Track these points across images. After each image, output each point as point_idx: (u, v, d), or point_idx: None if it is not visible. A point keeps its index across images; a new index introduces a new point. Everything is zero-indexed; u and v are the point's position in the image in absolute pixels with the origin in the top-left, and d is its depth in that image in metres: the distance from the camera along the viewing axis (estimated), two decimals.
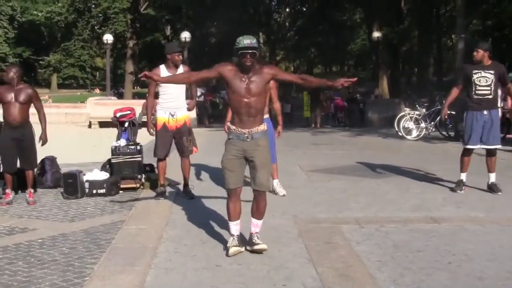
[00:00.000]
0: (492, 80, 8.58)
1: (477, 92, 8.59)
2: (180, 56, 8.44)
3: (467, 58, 17.63)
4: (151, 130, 8.50)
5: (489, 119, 8.60)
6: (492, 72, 8.58)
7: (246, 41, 5.51)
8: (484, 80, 8.57)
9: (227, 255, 5.62)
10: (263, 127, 5.67)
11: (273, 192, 8.35)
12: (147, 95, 9.10)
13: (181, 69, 8.35)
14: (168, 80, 7.17)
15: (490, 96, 8.61)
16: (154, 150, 8.56)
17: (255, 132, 5.58)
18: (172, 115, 8.36)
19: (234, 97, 5.56)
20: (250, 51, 5.48)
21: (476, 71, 8.62)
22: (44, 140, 8.61)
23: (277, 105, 8.79)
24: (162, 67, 8.40)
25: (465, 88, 8.78)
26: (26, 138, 8.37)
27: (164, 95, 8.38)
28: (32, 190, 8.48)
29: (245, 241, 5.83)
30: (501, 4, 27.14)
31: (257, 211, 5.76)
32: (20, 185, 8.86)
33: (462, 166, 8.85)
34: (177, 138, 8.47)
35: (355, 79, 6.28)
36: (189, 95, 9.10)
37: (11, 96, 8.28)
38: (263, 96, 5.68)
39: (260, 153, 5.62)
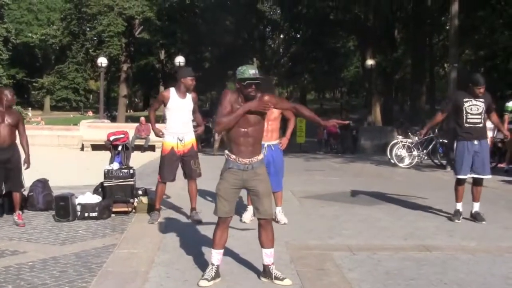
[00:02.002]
0: (483, 108, 8.61)
1: (468, 120, 8.59)
2: (194, 81, 8.46)
3: (460, 87, 17.80)
4: (160, 133, 8.62)
5: (479, 148, 8.61)
6: (483, 100, 8.62)
7: (251, 71, 5.43)
8: (475, 108, 8.59)
9: (198, 284, 5.50)
10: (261, 156, 5.62)
11: (275, 219, 8.25)
12: (150, 108, 9.25)
13: (189, 96, 8.42)
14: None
15: (481, 125, 8.63)
16: (160, 174, 8.54)
17: (255, 161, 5.52)
18: (180, 140, 8.38)
19: (233, 128, 5.45)
20: (255, 81, 5.42)
21: (467, 99, 8.62)
22: (28, 164, 8.61)
23: (292, 121, 8.73)
24: (172, 90, 8.46)
25: (455, 117, 8.79)
26: (13, 160, 8.38)
27: (172, 120, 8.42)
28: (20, 212, 8.45)
29: (261, 273, 5.76)
30: (493, 35, 27.39)
31: (267, 240, 5.64)
32: (9, 208, 8.83)
33: (457, 196, 8.81)
34: (185, 162, 8.49)
35: (347, 122, 6.35)
36: (196, 121, 9.08)
37: (1, 118, 8.28)
38: (262, 125, 5.63)
39: (261, 182, 5.57)
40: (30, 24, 78.68)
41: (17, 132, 8.56)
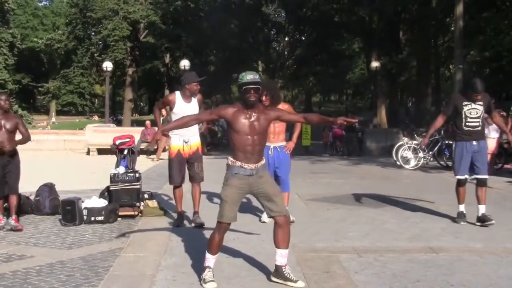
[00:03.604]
0: (482, 111, 8.63)
1: (467, 124, 8.60)
2: (198, 86, 8.48)
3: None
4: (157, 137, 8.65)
5: (478, 149, 8.62)
6: (481, 103, 8.62)
7: (249, 76, 5.45)
8: (474, 112, 8.60)
9: (202, 285, 5.54)
10: (264, 160, 5.68)
11: None
12: (155, 107, 9.28)
13: (194, 100, 8.47)
14: (171, 128, 6.71)
15: (479, 128, 8.66)
16: (170, 177, 8.60)
17: (260, 166, 5.57)
18: (186, 142, 8.40)
19: (239, 136, 5.48)
20: (253, 86, 5.43)
21: (466, 102, 8.63)
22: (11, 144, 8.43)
23: (298, 125, 8.92)
24: (178, 94, 8.49)
25: (454, 119, 8.78)
26: (11, 165, 8.39)
27: None
28: (15, 216, 8.42)
29: (272, 273, 5.74)
30: (498, 36, 27.34)
31: (283, 240, 5.63)
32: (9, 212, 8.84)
33: (459, 197, 8.81)
34: (190, 164, 8.52)
35: (356, 120, 6.38)
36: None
37: None
38: (266, 133, 5.70)
39: (268, 184, 5.62)
40: (36, 29, 79.11)
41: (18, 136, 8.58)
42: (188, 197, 8.87)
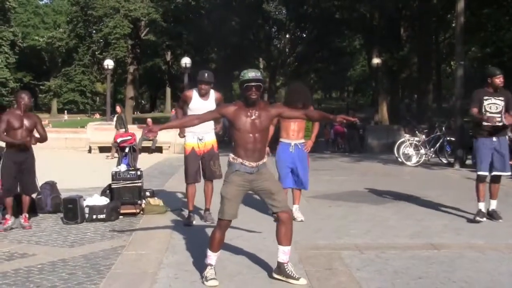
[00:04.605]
0: (503, 107, 8.55)
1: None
2: (203, 86, 8.38)
3: (467, 85, 17.75)
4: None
5: (498, 145, 8.56)
6: (502, 98, 8.54)
7: (251, 73, 5.45)
8: (494, 107, 8.53)
9: (208, 285, 5.52)
10: (266, 159, 5.68)
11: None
12: (175, 108, 9.24)
13: (212, 98, 8.44)
14: (169, 126, 6.72)
15: (500, 124, 8.55)
16: (185, 175, 8.59)
17: (261, 164, 5.57)
18: (200, 139, 8.41)
19: (241, 134, 5.48)
20: (255, 83, 5.42)
21: (486, 97, 8.55)
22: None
23: (316, 125, 8.98)
24: (195, 90, 8.51)
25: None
26: (28, 162, 8.45)
27: None
28: (26, 215, 8.47)
29: (274, 269, 5.74)
30: (499, 32, 27.27)
31: (286, 237, 5.62)
32: (17, 210, 8.85)
33: (479, 195, 8.66)
34: (204, 162, 8.51)
35: (354, 119, 6.41)
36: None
37: (19, 123, 8.33)
38: (267, 131, 5.69)
39: (268, 180, 5.61)
40: (37, 27, 79.09)
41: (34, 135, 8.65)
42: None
